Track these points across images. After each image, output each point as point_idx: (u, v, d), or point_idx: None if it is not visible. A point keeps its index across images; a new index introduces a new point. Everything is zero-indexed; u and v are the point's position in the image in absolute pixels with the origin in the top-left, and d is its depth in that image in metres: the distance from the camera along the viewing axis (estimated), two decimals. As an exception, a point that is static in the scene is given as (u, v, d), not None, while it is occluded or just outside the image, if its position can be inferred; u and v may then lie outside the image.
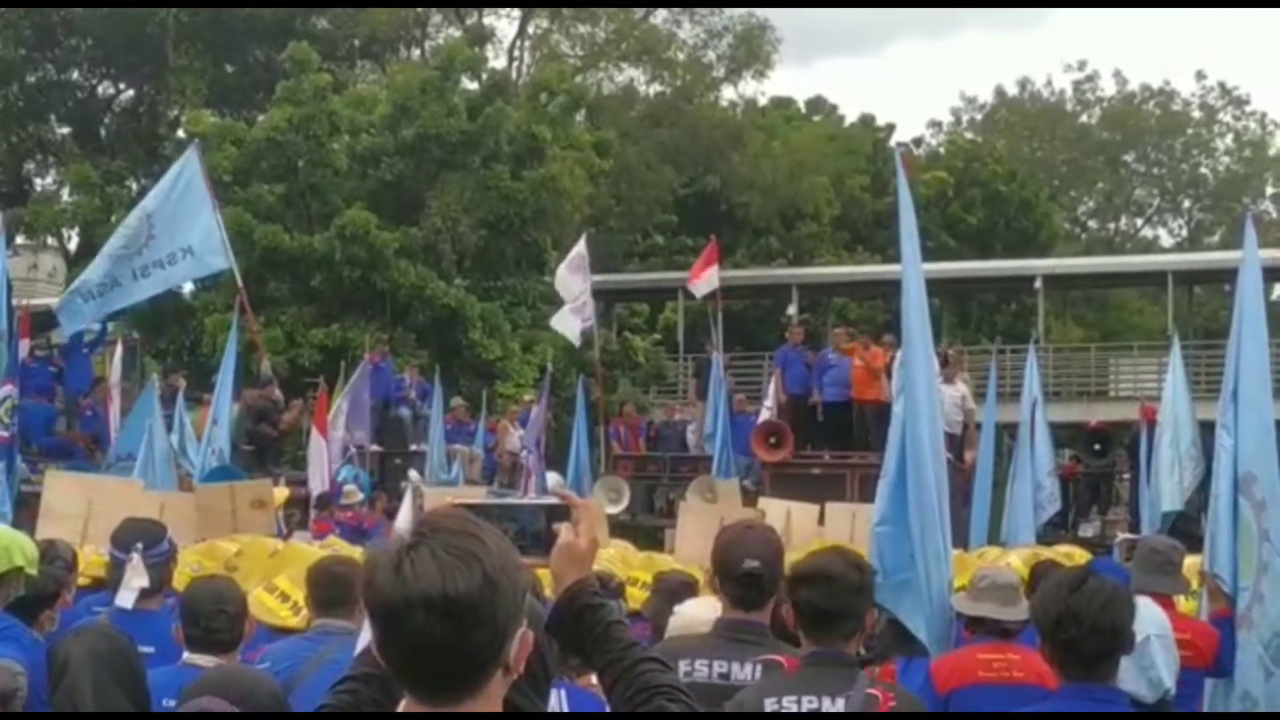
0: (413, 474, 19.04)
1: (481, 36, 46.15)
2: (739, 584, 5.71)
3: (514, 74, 46.52)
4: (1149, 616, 7.33)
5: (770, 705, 5.25)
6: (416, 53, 48.66)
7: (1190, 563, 9.35)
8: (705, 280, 29.42)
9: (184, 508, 13.80)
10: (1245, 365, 8.53)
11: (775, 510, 16.12)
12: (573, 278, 27.13)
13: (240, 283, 22.86)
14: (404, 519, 5.84)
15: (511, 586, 2.93)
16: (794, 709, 5.23)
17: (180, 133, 40.80)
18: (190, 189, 21.47)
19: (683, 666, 5.46)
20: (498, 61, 46.64)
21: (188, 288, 35.48)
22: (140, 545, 7.48)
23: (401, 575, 2.89)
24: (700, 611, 6.76)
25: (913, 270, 8.66)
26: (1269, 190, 71.84)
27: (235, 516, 13.46)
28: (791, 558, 5.95)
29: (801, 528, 15.16)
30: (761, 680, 5.45)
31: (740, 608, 5.74)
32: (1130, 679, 6.33)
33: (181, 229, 21.07)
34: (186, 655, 6.36)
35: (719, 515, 14.77)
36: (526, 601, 3.03)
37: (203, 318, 33.84)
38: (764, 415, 26.22)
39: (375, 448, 27.30)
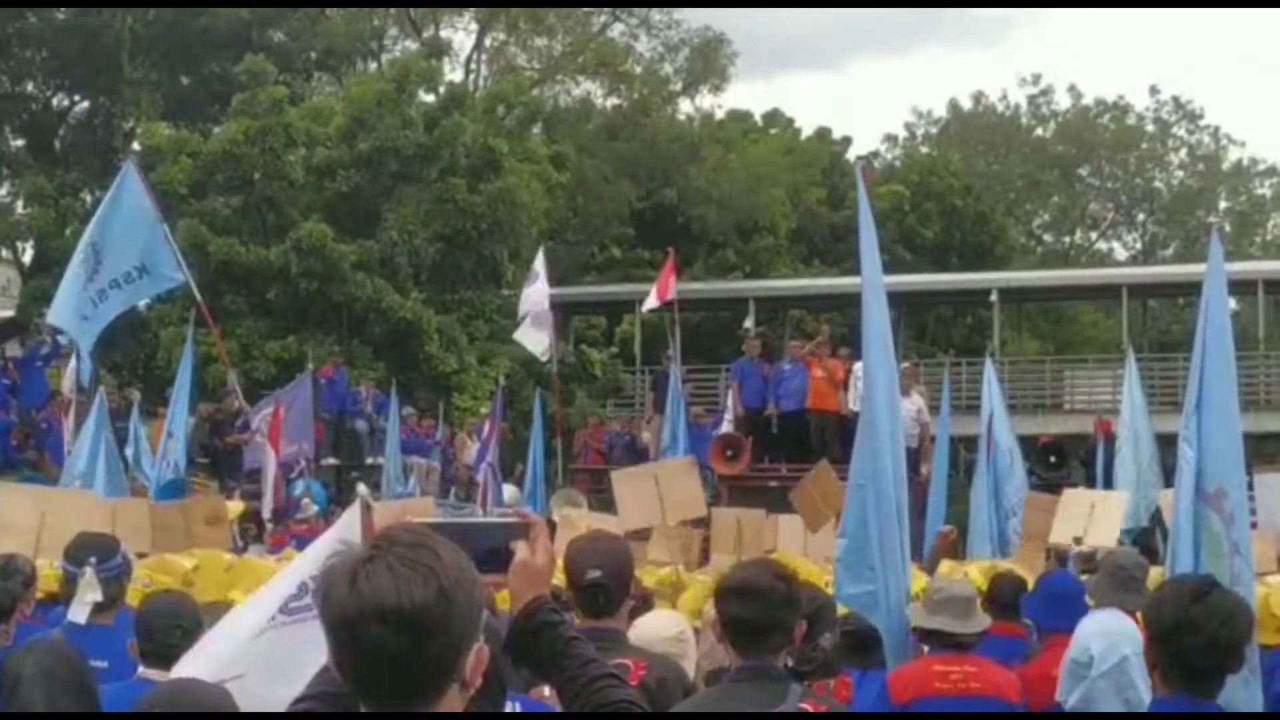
0: (360, 487, 18.96)
1: (438, 49, 46.06)
2: (584, 594, 5.80)
3: (471, 87, 46.48)
4: (1127, 634, 7.24)
5: None
6: (373, 65, 48.55)
7: (1152, 575, 9.36)
8: (663, 294, 29.45)
9: (137, 515, 13.72)
10: (1211, 378, 8.55)
11: (724, 520, 16.10)
12: (531, 291, 27.17)
13: (198, 296, 22.71)
14: (350, 530, 5.79)
15: (467, 600, 2.92)
16: None
17: (136, 145, 40.59)
18: (133, 206, 21.13)
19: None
20: (454, 74, 46.66)
21: (142, 301, 35.36)
22: (94, 559, 7.46)
23: (357, 587, 2.88)
24: (660, 624, 6.76)
25: (873, 284, 8.72)
26: (1222, 204, 72.23)
27: (189, 534, 13.35)
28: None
29: (754, 538, 15.11)
30: (694, 696, 5.49)
31: (590, 617, 5.82)
32: (1108, 699, 6.20)
33: (129, 248, 20.75)
34: (141, 670, 6.33)
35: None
36: (483, 617, 3.02)
37: (158, 330, 33.70)
38: (722, 428, 26.28)
39: (332, 460, 27.25)
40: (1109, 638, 6.52)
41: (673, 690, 5.83)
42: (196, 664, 5.55)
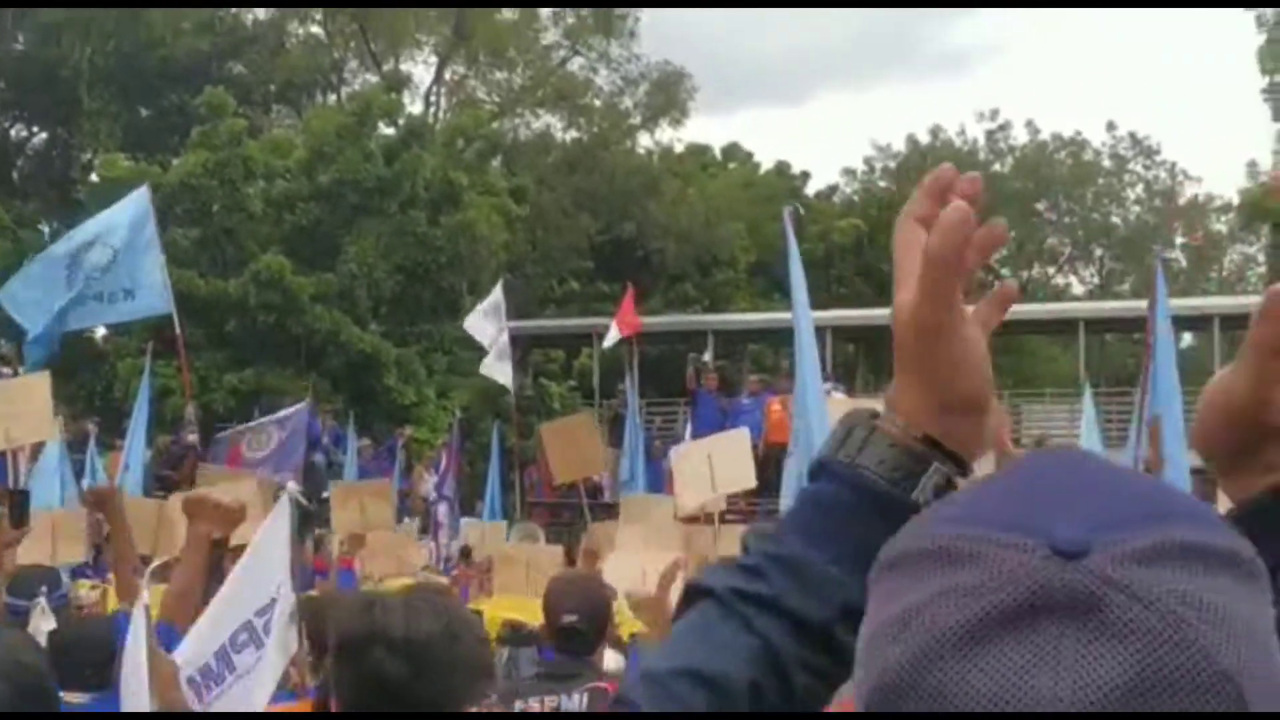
0: (290, 484, 18.92)
1: (398, 82, 46.16)
2: (560, 636, 5.87)
3: (430, 119, 46.51)
4: None
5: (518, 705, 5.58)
6: (332, 98, 48.58)
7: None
8: (618, 330, 29.49)
9: (75, 524, 13.69)
10: (1164, 413, 8.63)
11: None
12: (487, 323, 27.14)
13: (179, 329, 22.76)
14: (280, 528, 5.81)
15: (474, 649, 2.98)
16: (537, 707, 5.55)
17: (94, 176, 40.54)
18: (138, 228, 21.44)
19: (517, 705, 5.61)
20: (414, 107, 46.68)
21: (100, 331, 35.30)
22: (45, 589, 7.48)
23: (370, 614, 2.94)
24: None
25: (804, 325, 8.80)
26: (1178, 240, 72.60)
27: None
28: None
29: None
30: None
31: (566, 656, 5.90)
32: None
33: (123, 268, 21.00)
34: (63, 695, 6.33)
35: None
36: (492, 676, 3.06)
37: (115, 361, 33.61)
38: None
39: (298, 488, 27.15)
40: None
41: None
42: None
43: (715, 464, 14.35)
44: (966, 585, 1.10)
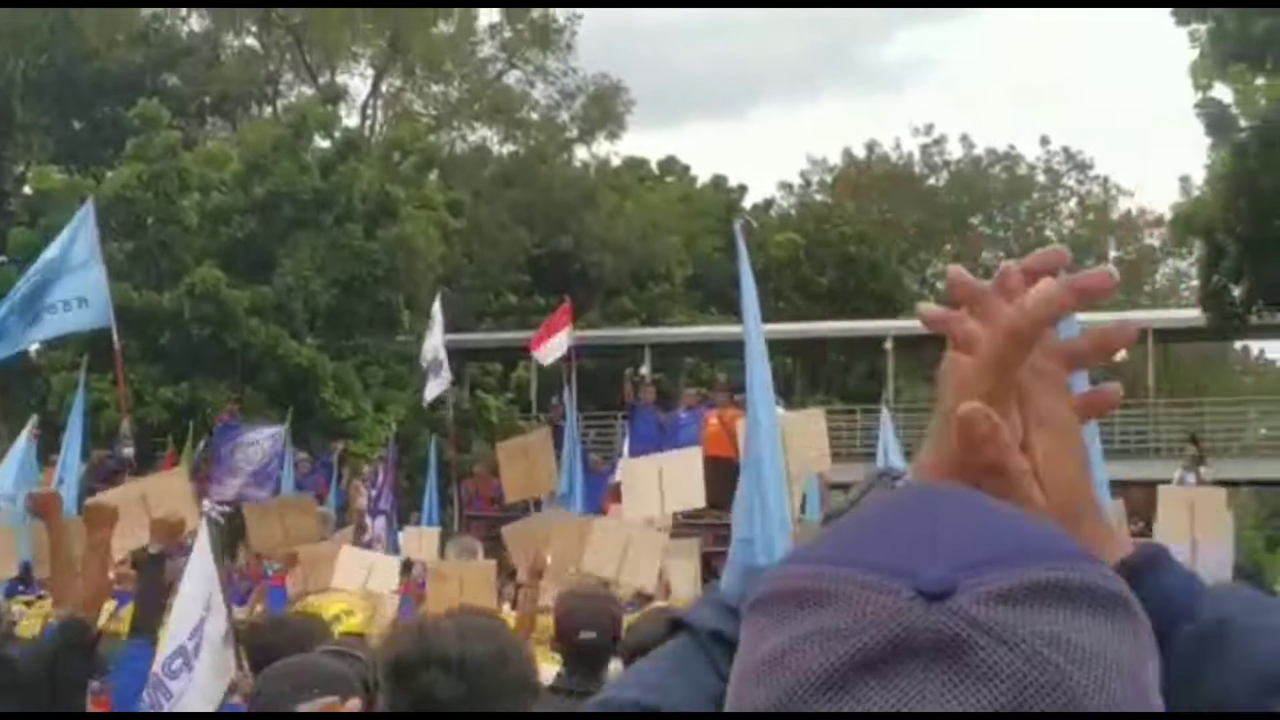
0: (205, 502, 18.82)
1: (334, 95, 46.03)
2: (576, 651, 5.82)
3: (367, 132, 46.42)
4: None
5: None
6: (268, 110, 48.40)
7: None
8: (551, 347, 29.45)
9: (4, 542, 13.56)
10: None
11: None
12: (431, 338, 27.13)
13: (117, 343, 22.69)
14: (204, 550, 5.78)
15: (522, 671, 2.98)
16: None
17: (27, 189, 40.28)
18: (85, 245, 21.59)
19: None
20: (350, 120, 46.59)
21: (34, 346, 34.98)
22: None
23: (424, 634, 2.94)
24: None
25: (755, 339, 8.81)
26: (1111, 253, 73.07)
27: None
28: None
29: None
30: None
31: (579, 675, 5.83)
32: None
33: (73, 282, 21.14)
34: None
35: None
36: (534, 695, 3.06)
37: (48, 375, 33.36)
38: (616, 476, 26.24)
39: (224, 508, 26.99)
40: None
41: None
42: None
43: (666, 480, 14.32)
44: (831, 628, 1.08)
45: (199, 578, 6.01)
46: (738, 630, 1.55)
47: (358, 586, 14.98)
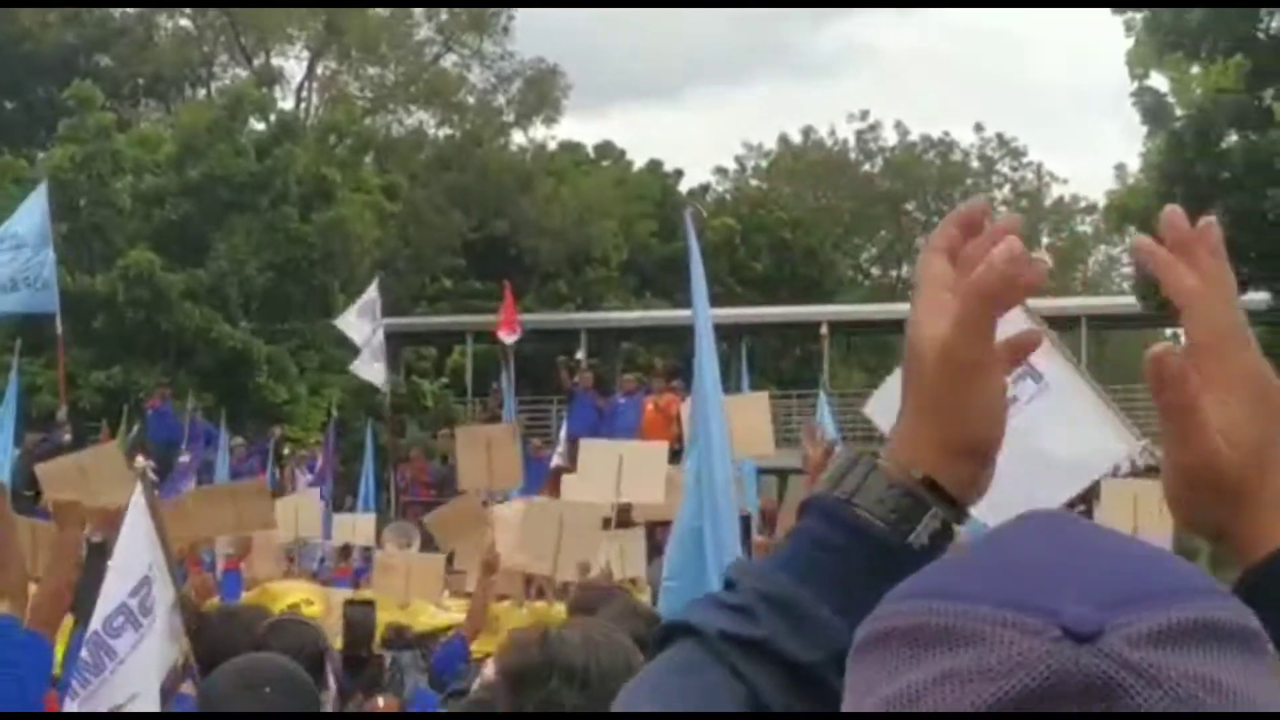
0: (139, 460, 18.65)
1: (269, 77, 45.78)
2: None
3: (303, 115, 46.20)
4: None
5: None
6: (202, 92, 48.10)
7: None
8: (509, 326, 29.56)
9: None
10: None
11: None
12: (362, 322, 27.02)
13: (59, 329, 22.70)
14: (140, 506, 5.69)
15: None
16: None
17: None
18: (32, 224, 21.55)
19: None
20: (286, 103, 46.35)
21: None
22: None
23: (548, 642, 2.92)
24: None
25: (705, 327, 8.82)
26: (1044, 240, 73.49)
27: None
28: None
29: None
30: None
31: None
32: None
33: (23, 260, 21.09)
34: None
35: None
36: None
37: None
38: (555, 460, 26.25)
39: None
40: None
41: None
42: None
43: (626, 468, 14.12)
44: (971, 669, 1.04)
45: (138, 536, 5.89)
46: (750, 629, 1.52)
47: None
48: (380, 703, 6.33)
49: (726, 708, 1.50)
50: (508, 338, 30.59)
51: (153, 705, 5.54)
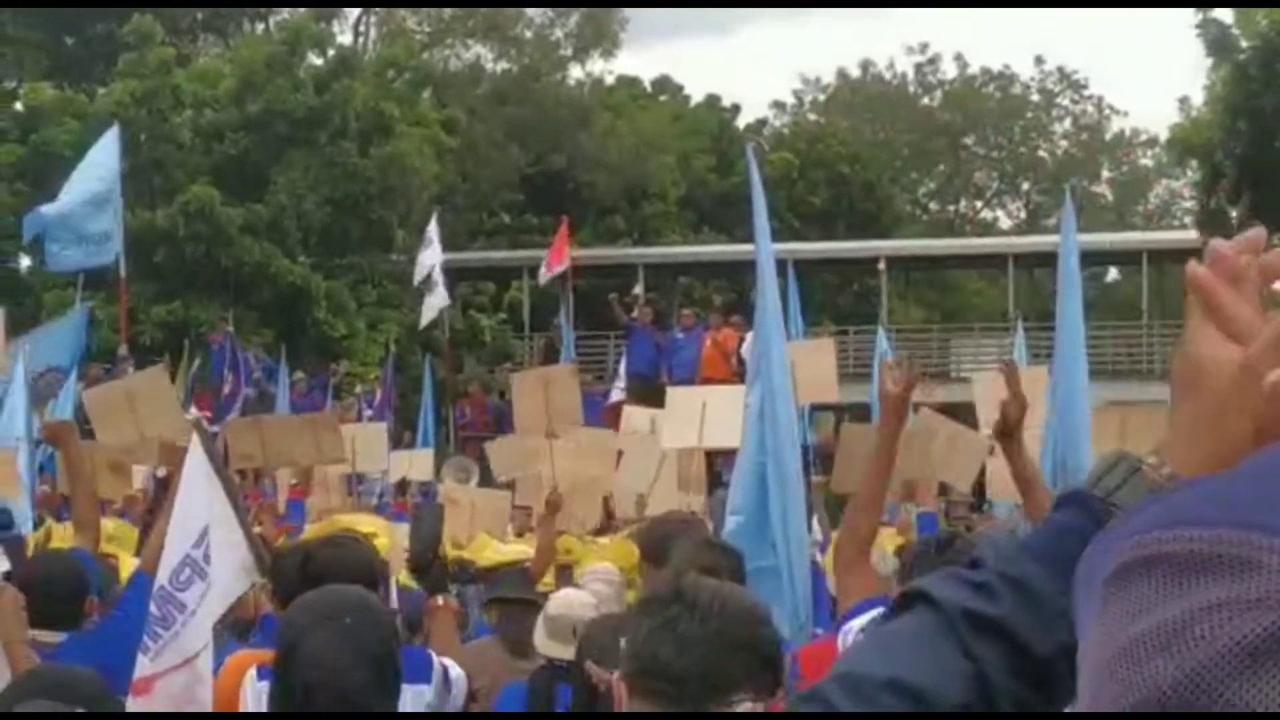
0: (192, 410, 18.62)
1: (328, 12, 45.73)
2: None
3: (360, 50, 46.16)
4: None
5: None
6: (261, 27, 48.09)
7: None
8: (555, 262, 29.48)
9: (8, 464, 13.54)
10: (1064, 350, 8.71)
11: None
12: (425, 256, 27.12)
13: (123, 272, 23.01)
14: (197, 458, 5.68)
15: (759, 640, 3.13)
16: None
17: (19, 105, 40.07)
18: (108, 172, 22.00)
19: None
20: (344, 37, 46.32)
21: (25, 261, 35.00)
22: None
23: (682, 582, 3.12)
24: (577, 598, 6.79)
25: (767, 263, 8.81)
26: (1104, 174, 73.01)
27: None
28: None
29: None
30: None
31: None
32: None
33: (101, 214, 21.51)
34: (30, 632, 6.28)
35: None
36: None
37: (41, 293, 33.28)
38: (615, 395, 26.29)
39: (217, 428, 27.01)
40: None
41: None
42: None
43: (708, 414, 13.93)
44: (1248, 597, 1.00)
45: (197, 489, 5.89)
46: (990, 607, 1.52)
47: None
48: (440, 601, 6.36)
49: (953, 683, 1.52)
50: (545, 276, 30.54)
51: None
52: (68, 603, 6.34)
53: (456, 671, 5.95)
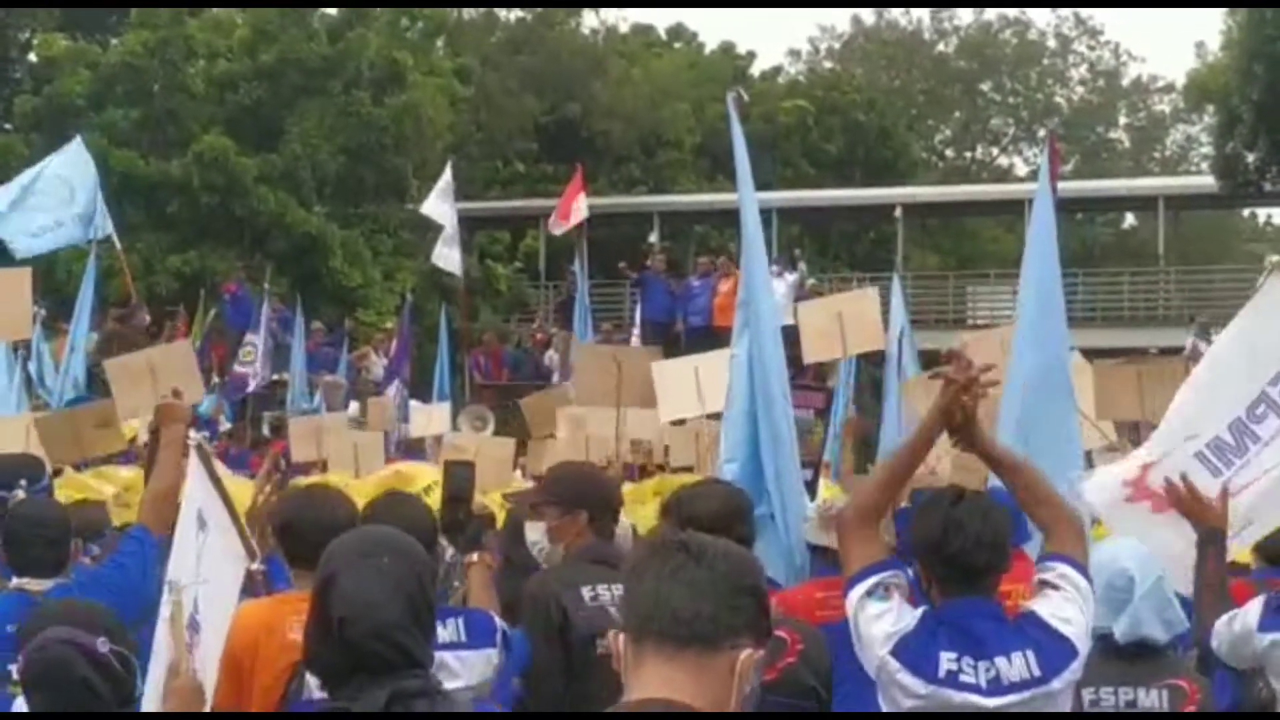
0: (193, 434, 18.68)
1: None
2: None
3: (373, -2, 46.01)
4: (1154, 555, 6.10)
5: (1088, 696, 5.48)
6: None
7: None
8: (571, 216, 29.37)
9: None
10: (1034, 295, 8.66)
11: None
12: (442, 205, 27.06)
13: (119, 246, 23.29)
14: (195, 478, 5.54)
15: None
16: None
17: (32, 56, 40.07)
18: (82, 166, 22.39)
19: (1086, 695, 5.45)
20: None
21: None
22: (24, 481, 7.32)
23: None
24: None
25: (750, 213, 8.79)
26: (1121, 120, 72.75)
27: (80, 441, 13.10)
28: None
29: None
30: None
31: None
32: (1152, 622, 5.79)
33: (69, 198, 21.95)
34: (15, 581, 6.29)
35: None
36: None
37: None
38: (633, 343, 26.31)
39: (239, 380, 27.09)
40: (1141, 559, 6.05)
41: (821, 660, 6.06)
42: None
43: (703, 380, 13.83)
44: None
45: (198, 498, 5.63)
46: None
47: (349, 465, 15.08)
48: (475, 557, 6.38)
49: None
50: (555, 228, 30.47)
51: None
52: (50, 545, 6.35)
53: (513, 632, 6.03)
